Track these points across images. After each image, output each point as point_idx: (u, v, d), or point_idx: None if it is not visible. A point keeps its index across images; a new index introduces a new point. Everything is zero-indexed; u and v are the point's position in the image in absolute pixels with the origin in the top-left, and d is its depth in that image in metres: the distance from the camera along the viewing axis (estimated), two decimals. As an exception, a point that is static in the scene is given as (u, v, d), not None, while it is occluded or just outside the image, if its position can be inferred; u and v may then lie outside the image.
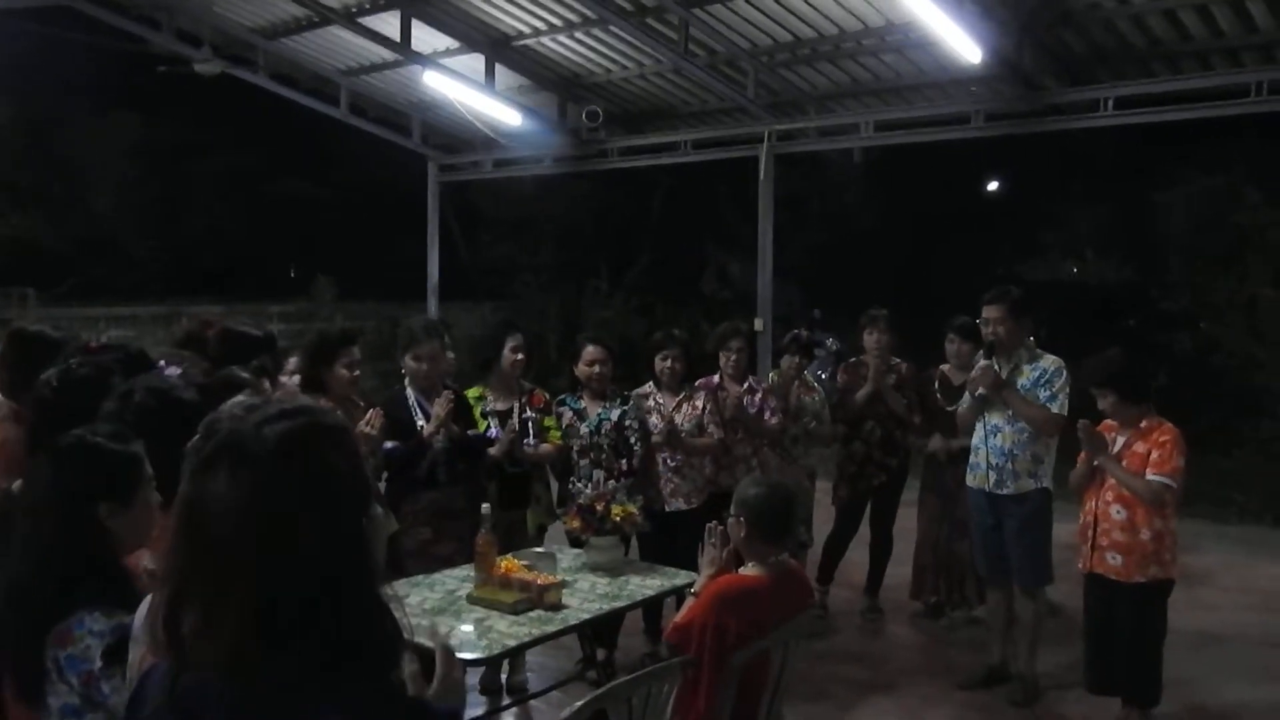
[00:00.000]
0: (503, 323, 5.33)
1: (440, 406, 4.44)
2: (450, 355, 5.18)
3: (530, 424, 4.95)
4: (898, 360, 6.00)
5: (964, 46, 6.71)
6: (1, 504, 2.35)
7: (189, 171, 20.78)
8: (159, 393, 2.45)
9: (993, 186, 19.38)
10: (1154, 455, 4.22)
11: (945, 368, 5.87)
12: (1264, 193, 9.66)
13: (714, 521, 3.51)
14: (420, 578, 3.93)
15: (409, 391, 4.60)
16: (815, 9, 7.43)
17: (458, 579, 3.90)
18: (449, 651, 1.58)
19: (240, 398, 2.04)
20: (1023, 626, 4.96)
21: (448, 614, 3.52)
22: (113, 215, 20.24)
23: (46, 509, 1.99)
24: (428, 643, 1.57)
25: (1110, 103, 7.39)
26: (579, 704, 2.71)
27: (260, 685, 1.18)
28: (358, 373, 4.35)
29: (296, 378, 4.36)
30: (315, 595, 1.20)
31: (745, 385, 5.60)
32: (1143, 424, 4.30)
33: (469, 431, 4.65)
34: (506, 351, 4.96)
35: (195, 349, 4.69)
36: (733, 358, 5.54)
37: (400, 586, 3.58)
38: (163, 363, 3.66)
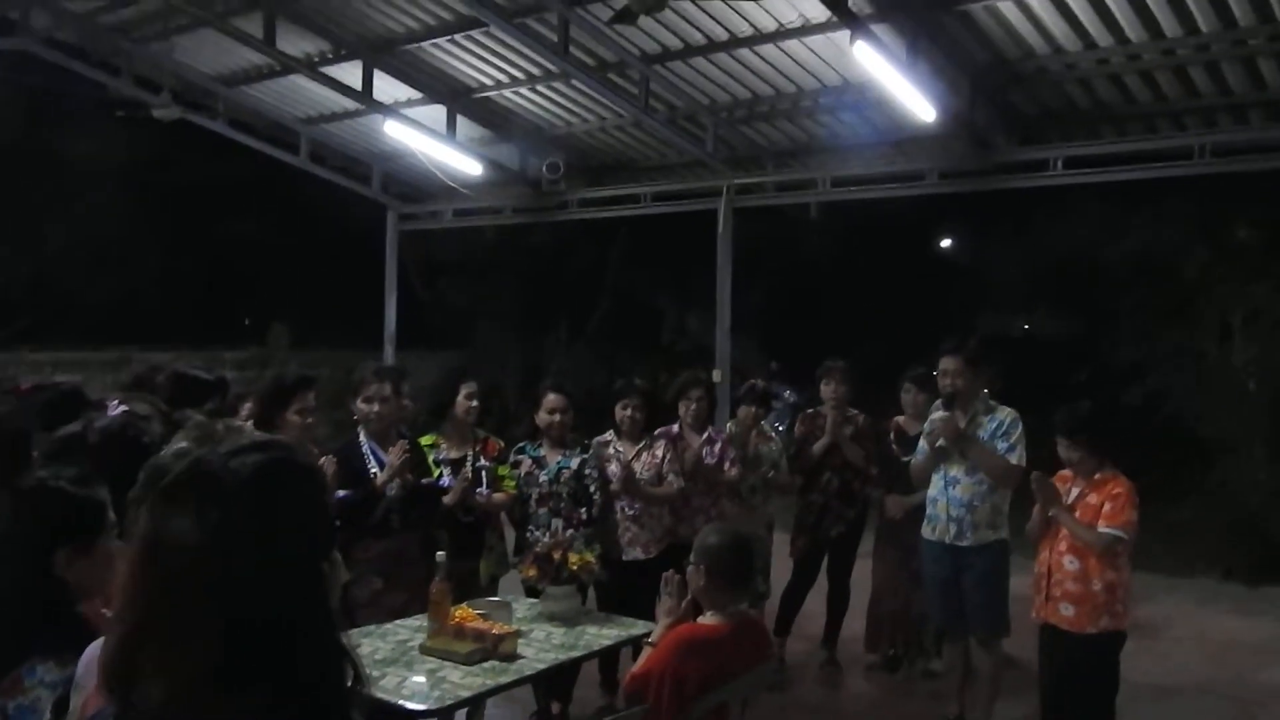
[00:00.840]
0: (456, 370, 5.31)
1: (395, 456, 4.39)
2: (407, 403, 5.13)
3: (484, 473, 4.91)
4: (855, 411, 6.05)
5: (918, 106, 6.87)
6: None
7: (141, 215, 20.54)
8: (110, 433, 2.40)
9: (946, 243, 19.74)
10: (1107, 507, 4.26)
11: (901, 419, 5.93)
12: (1209, 248, 9.94)
13: (671, 571, 3.49)
14: (372, 627, 3.86)
15: (363, 439, 4.55)
16: (773, 68, 7.58)
17: (410, 629, 3.83)
18: None
19: (181, 441, 2.00)
20: (980, 678, 4.96)
21: (399, 664, 3.45)
22: (60, 259, 19.91)
23: (2, 553, 1.93)
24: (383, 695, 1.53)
25: (1060, 162, 7.59)
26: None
27: None
28: (311, 419, 4.29)
29: (250, 423, 4.29)
30: (274, 636, 1.16)
31: (705, 435, 5.61)
32: (1097, 476, 4.34)
33: (423, 480, 4.60)
34: (460, 399, 4.94)
35: (148, 393, 4.63)
36: (693, 406, 5.55)
37: (352, 636, 3.50)
38: (115, 401, 3.60)
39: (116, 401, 3.40)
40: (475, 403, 4.97)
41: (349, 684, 1.23)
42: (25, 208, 18.97)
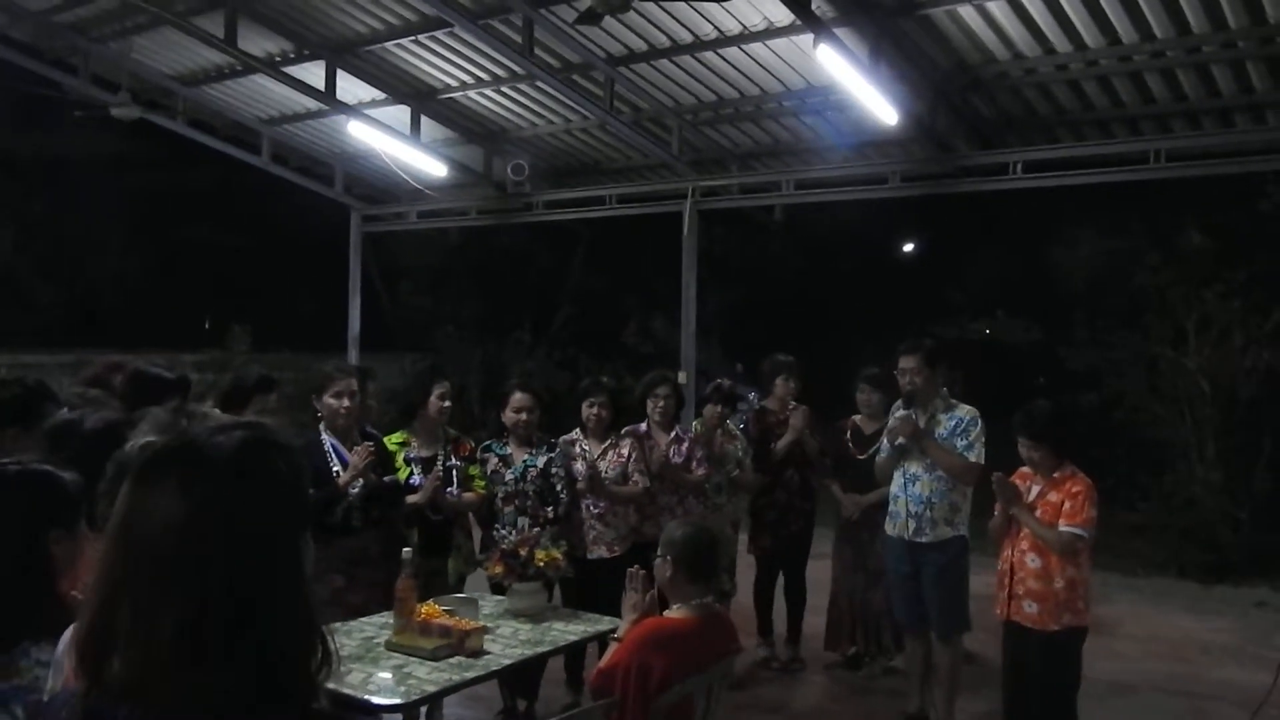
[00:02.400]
0: (429, 369, 5.27)
1: (359, 457, 4.35)
2: (372, 403, 5.10)
3: (454, 472, 4.88)
4: (796, 404, 6.11)
5: (880, 109, 6.95)
6: None
7: (95, 216, 20.22)
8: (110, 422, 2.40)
9: (908, 247, 19.94)
10: (1067, 505, 4.31)
11: (857, 418, 6.00)
12: (1162, 254, 10.12)
13: (635, 566, 3.50)
14: (338, 625, 3.82)
15: (325, 437, 4.51)
16: (738, 70, 7.63)
17: (376, 626, 3.81)
18: None
19: (146, 433, 1.99)
20: (941, 675, 5.01)
21: (365, 660, 3.43)
22: (12, 261, 19.56)
23: None
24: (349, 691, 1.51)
25: (1019, 166, 7.71)
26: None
27: (173, 708, 1.13)
28: (272, 421, 4.24)
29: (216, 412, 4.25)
30: (249, 611, 1.16)
31: (673, 434, 5.63)
32: (1056, 474, 4.39)
33: (385, 478, 4.57)
34: (433, 399, 4.91)
35: (105, 391, 4.56)
36: (660, 404, 5.58)
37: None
38: (65, 411, 3.56)
39: (66, 410, 3.40)
40: (447, 403, 4.95)
41: (319, 662, 1.22)
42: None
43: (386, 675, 3.31)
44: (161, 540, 1.15)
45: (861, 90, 6.73)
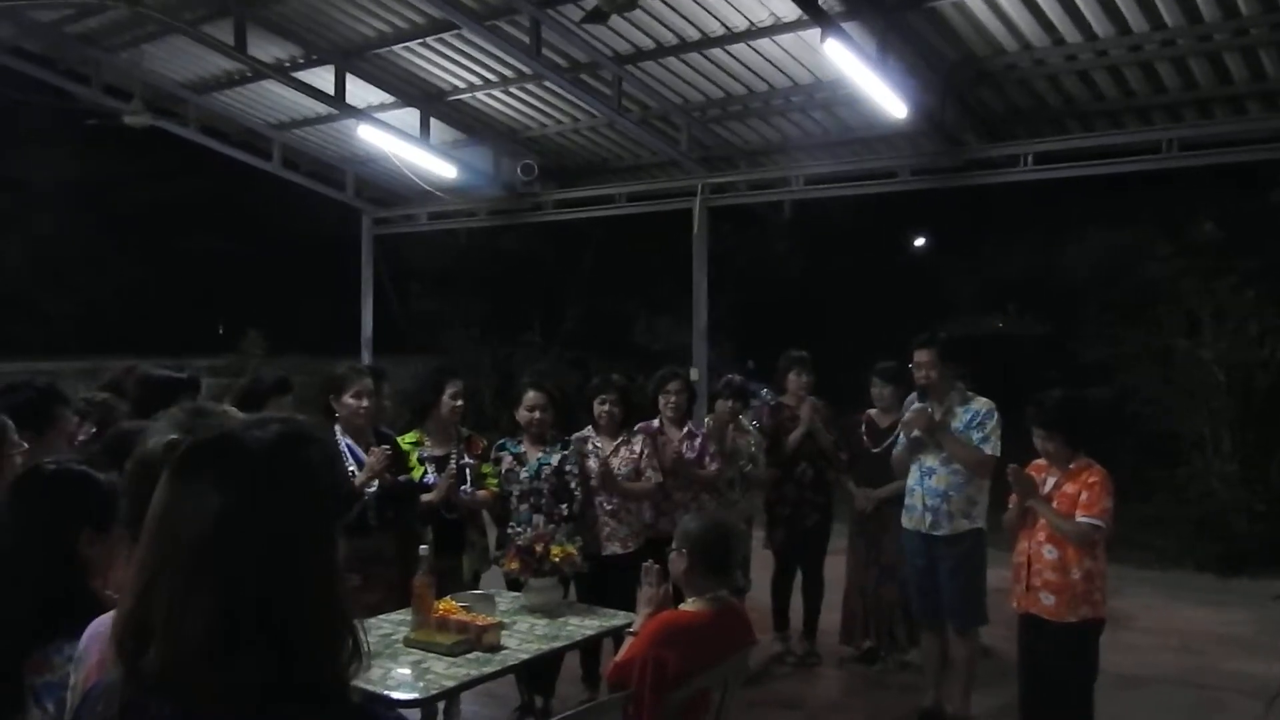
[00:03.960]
0: (442, 368, 5.27)
1: (375, 459, 4.38)
2: (386, 403, 5.12)
3: (468, 470, 4.90)
4: (813, 398, 6.11)
5: (889, 103, 6.94)
6: None
7: (107, 225, 20.36)
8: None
9: (918, 242, 19.91)
10: (1083, 496, 4.28)
11: (872, 411, 5.99)
12: (1173, 245, 10.07)
13: (650, 560, 3.51)
14: (355, 622, 3.84)
15: (340, 437, 4.53)
16: (745, 66, 7.64)
17: (394, 623, 3.83)
18: None
19: (164, 433, 2.01)
20: (957, 668, 5.00)
21: (384, 657, 3.44)
22: (28, 270, 19.70)
23: (29, 536, 1.96)
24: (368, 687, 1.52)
25: (1029, 158, 7.69)
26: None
27: (207, 699, 1.14)
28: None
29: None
30: (282, 605, 1.16)
31: (685, 430, 5.64)
32: (1072, 465, 4.37)
33: (400, 477, 4.59)
34: (446, 398, 4.92)
35: (119, 395, 4.60)
36: (672, 400, 5.59)
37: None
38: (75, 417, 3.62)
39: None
40: (460, 402, 4.97)
41: (350, 656, 1.23)
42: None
43: (405, 671, 3.34)
44: (197, 533, 1.16)
45: (869, 84, 6.73)
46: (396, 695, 3.12)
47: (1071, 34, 6.50)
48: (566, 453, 5.09)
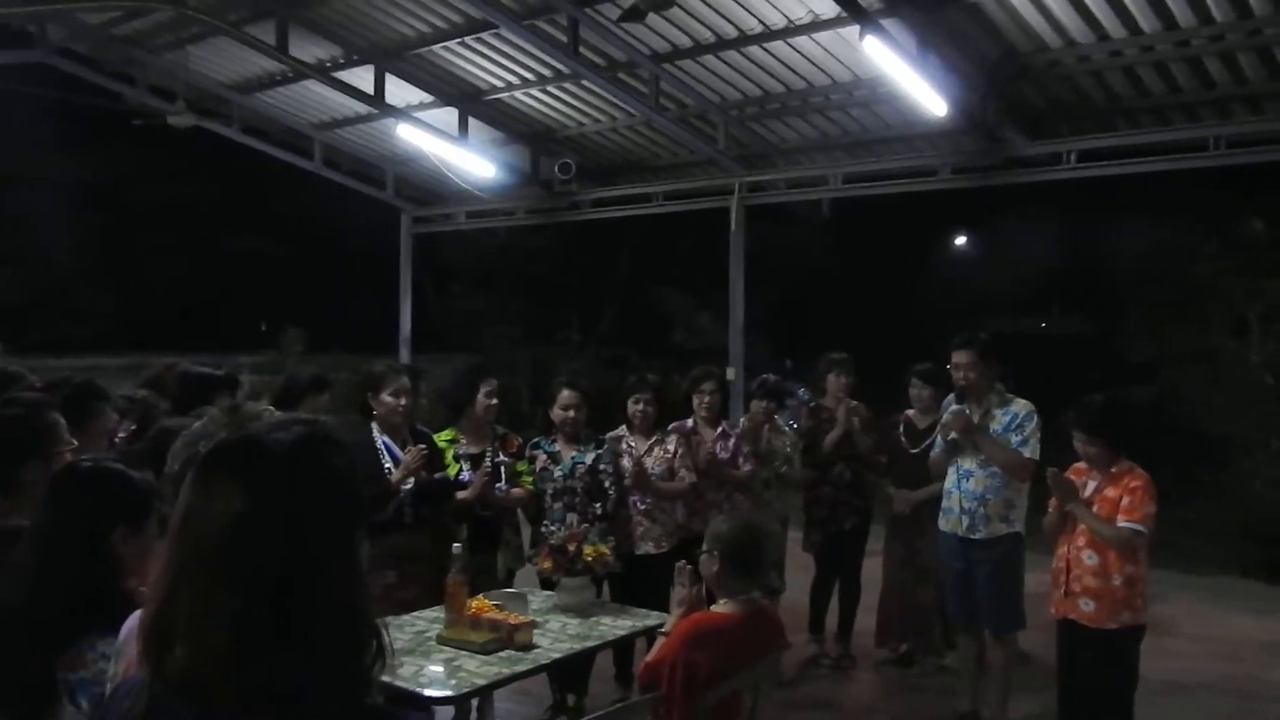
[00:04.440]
0: (476, 367, 5.26)
1: (411, 457, 4.40)
2: (423, 401, 5.15)
3: (502, 468, 4.91)
4: (855, 402, 6.06)
5: (929, 101, 6.86)
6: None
7: (150, 226, 20.71)
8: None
9: (959, 241, 19.72)
10: (1125, 501, 4.20)
11: (910, 412, 5.93)
12: (1221, 244, 9.88)
13: (683, 560, 3.49)
14: (390, 618, 3.86)
15: (376, 434, 4.56)
16: (784, 64, 7.59)
17: (427, 620, 3.85)
18: None
19: (200, 433, 2.03)
20: (994, 673, 4.94)
21: (416, 654, 3.46)
22: (73, 270, 20.09)
23: (63, 532, 1.98)
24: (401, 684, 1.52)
25: (1072, 156, 7.58)
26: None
27: (230, 700, 1.14)
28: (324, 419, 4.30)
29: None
30: (304, 606, 1.17)
31: (719, 430, 5.61)
32: (1114, 469, 4.29)
33: (435, 475, 4.61)
34: (480, 396, 4.93)
35: (159, 392, 4.67)
36: (706, 399, 5.57)
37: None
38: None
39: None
40: (495, 400, 4.98)
41: (373, 658, 1.23)
42: (37, 222, 19.16)
43: (438, 668, 3.35)
44: (219, 533, 1.17)
45: (909, 82, 6.66)
46: (429, 693, 3.13)
47: (1117, 29, 6.39)
48: (600, 452, 5.09)
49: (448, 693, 3.18)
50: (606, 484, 5.04)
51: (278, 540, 1.17)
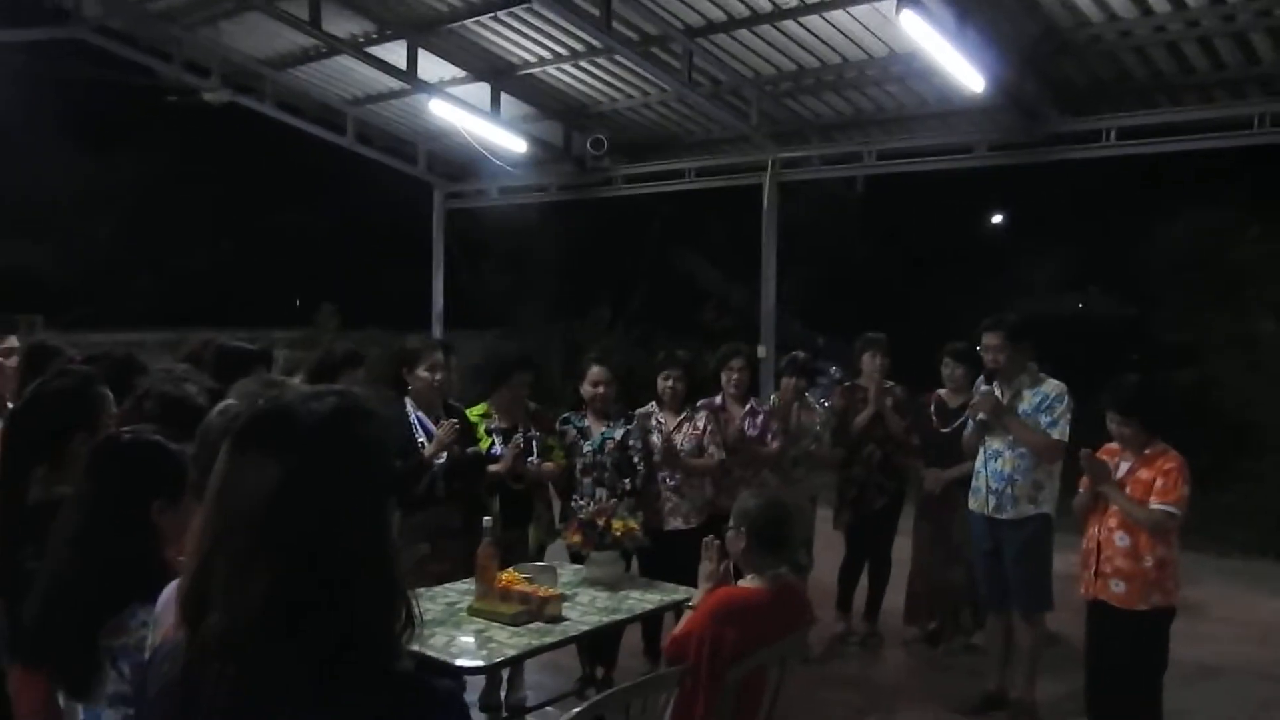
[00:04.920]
0: (520, 359, 5.24)
1: (445, 432, 4.44)
2: (454, 376, 5.18)
3: (534, 443, 4.94)
4: (891, 384, 6.03)
5: (966, 76, 6.77)
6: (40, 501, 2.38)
7: (188, 203, 20.91)
8: (168, 397, 2.49)
9: (995, 220, 19.48)
10: (1159, 483, 4.17)
11: (942, 392, 5.90)
12: (1263, 226, 9.69)
13: (711, 536, 3.50)
14: (421, 590, 3.91)
15: (410, 409, 4.60)
16: (818, 39, 7.51)
17: (458, 592, 3.89)
18: None
19: (231, 404, 2.05)
20: (1022, 653, 4.93)
21: (448, 625, 3.51)
22: (113, 246, 20.34)
23: (103, 504, 2.02)
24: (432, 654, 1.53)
25: (1113, 133, 7.45)
26: (578, 709, 2.69)
27: (263, 669, 1.17)
28: (358, 395, 4.33)
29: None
30: (336, 574, 1.19)
31: (747, 407, 5.61)
32: (1147, 450, 4.25)
33: (468, 450, 4.65)
34: (515, 383, 4.96)
35: (197, 366, 4.73)
36: (734, 376, 5.56)
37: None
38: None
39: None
40: (527, 390, 5.02)
41: (402, 627, 1.25)
42: (76, 199, 19.40)
43: (469, 639, 3.39)
44: (253, 502, 1.19)
45: (946, 57, 6.57)
46: (460, 663, 3.17)
47: (1160, 3, 6.26)
48: (630, 428, 5.11)
49: (478, 663, 3.23)
50: (635, 460, 5.06)
51: (311, 509, 1.19)
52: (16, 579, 2.34)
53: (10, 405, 3.78)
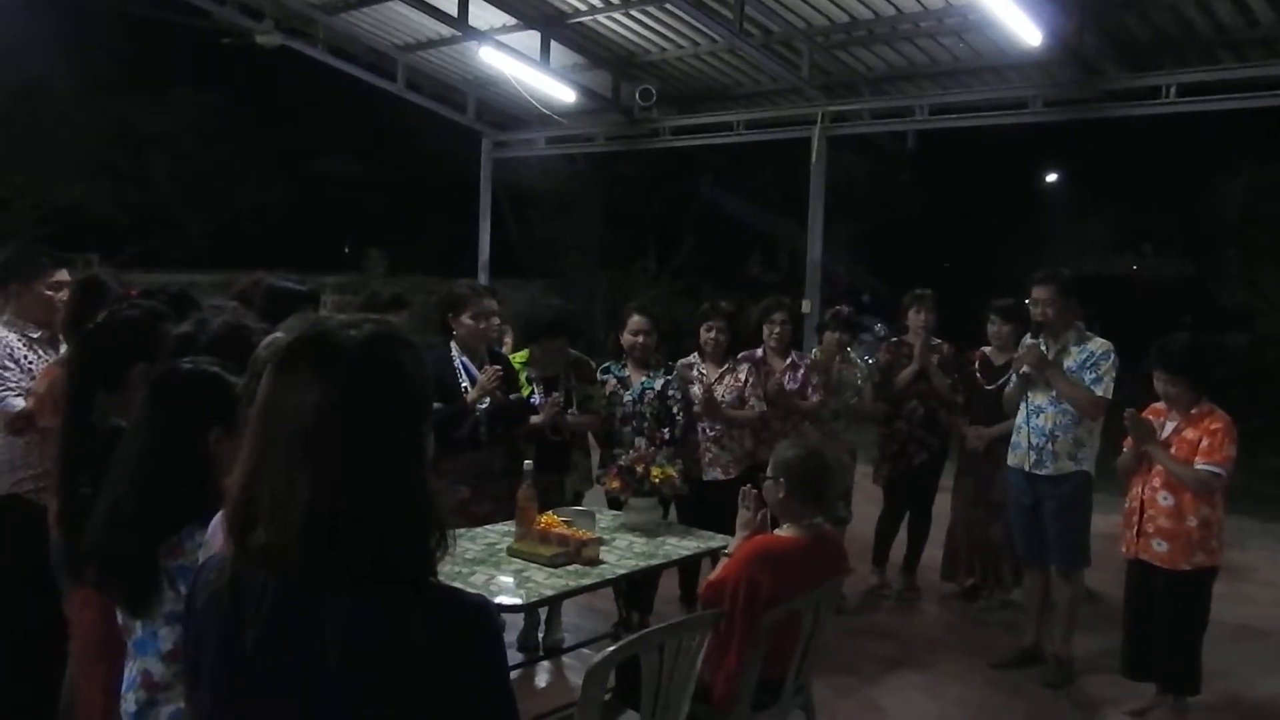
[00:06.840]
0: (551, 322, 5.15)
1: (487, 378, 4.47)
2: (497, 321, 5.22)
3: (573, 393, 4.99)
4: (939, 341, 6.00)
5: (1023, 29, 6.63)
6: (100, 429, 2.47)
7: (241, 146, 21.12)
8: (232, 324, 2.57)
9: (1050, 177, 19.08)
10: (1204, 443, 4.14)
11: (987, 349, 5.86)
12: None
13: (748, 485, 3.55)
14: (462, 530, 4.00)
15: (455, 353, 4.66)
16: (873, -11, 7.39)
17: (498, 533, 3.97)
18: None
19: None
20: (1059, 610, 4.93)
21: (488, 564, 3.59)
22: (167, 188, 20.64)
23: (166, 431, 2.09)
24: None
25: (1173, 89, 7.27)
26: (613, 648, 2.77)
27: (305, 578, 1.24)
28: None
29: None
30: (373, 492, 1.25)
31: (788, 360, 5.62)
32: (1194, 410, 4.22)
33: (511, 395, 4.70)
34: (548, 345, 4.95)
35: (246, 304, 4.83)
36: (776, 329, 5.57)
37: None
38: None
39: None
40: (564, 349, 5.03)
41: (435, 541, 1.31)
42: (135, 140, 19.67)
43: (508, 578, 3.47)
44: (296, 423, 1.25)
45: (1003, 9, 6.46)
46: (500, 600, 3.25)
47: (1227, -46, 6.08)
48: (670, 378, 5.14)
49: (517, 600, 3.31)
50: (675, 410, 5.10)
51: (352, 426, 1.25)
52: (74, 505, 2.45)
53: (61, 338, 3.91)
